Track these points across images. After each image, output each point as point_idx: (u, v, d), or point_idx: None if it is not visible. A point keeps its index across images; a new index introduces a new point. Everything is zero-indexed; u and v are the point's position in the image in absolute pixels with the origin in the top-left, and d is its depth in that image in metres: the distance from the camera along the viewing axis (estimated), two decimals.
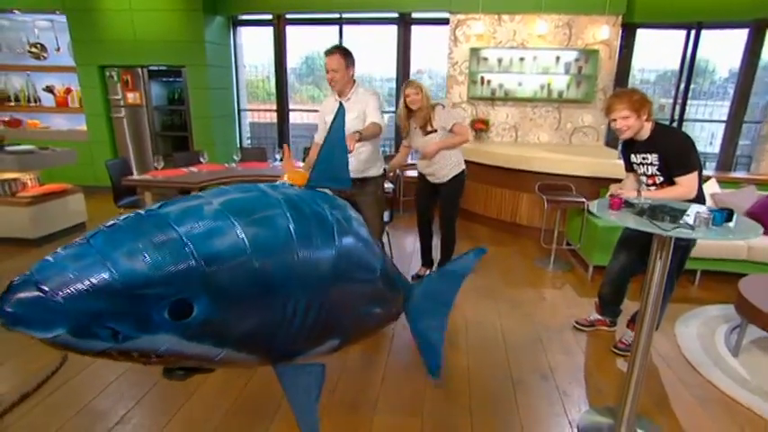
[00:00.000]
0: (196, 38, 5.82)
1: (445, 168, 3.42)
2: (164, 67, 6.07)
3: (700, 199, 2.42)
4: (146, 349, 0.99)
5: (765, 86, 5.76)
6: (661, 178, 2.48)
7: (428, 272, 3.91)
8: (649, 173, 2.52)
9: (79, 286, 0.89)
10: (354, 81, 2.88)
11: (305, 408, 1.34)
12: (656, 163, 2.46)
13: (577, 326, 3.08)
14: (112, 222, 1.03)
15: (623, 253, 2.82)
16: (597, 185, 4.37)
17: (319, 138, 3.08)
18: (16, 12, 5.89)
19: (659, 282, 1.91)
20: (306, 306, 1.21)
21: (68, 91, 6.38)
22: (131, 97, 6.09)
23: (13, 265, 3.92)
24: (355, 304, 1.45)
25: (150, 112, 6.20)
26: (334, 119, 1.57)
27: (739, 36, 5.66)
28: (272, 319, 1.16)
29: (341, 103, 2.29)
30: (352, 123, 2.74)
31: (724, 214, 1.72)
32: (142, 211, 1.10)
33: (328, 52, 2.72)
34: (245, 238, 1.08)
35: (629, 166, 2.67)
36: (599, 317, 3.07)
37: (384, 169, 3.17)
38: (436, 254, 3.87)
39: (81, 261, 0.93)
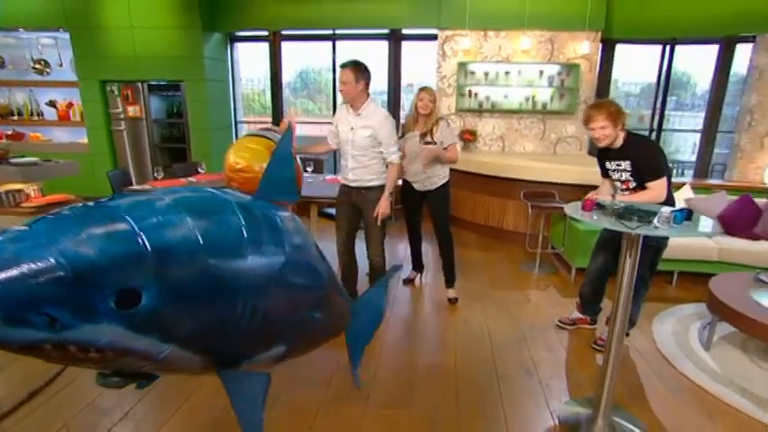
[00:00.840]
0: (195, 54, 5.95)
1: (435, 177, 3.43)
2: (163, 82, 6.20)
3: (670, 202, 2.56)
4: (85, 341, 0.91)
5: (736, 98, 5.96)
6: (634, 183, 2.62)
7: (418, 276, 3.97)
8: (623, 178, 2.66)
9: (15, 268, 0.82)
10: (368, 95, 2.90)
11: (250, 415, 1.29)
12: (629, 169, 2.60)
13: (560, 324, 3.19)
14: (57, 210, 0.98)
15: (600, 255, 2.95)
16: (580, 192, 4.46)
17: (330, 138, 3.15)
18: (21, 30, 6.03)
19: (629, 278, 2.03)
20: (253, 307, 1.19)
21: (70, 105, 6.48)
22: (132, 111, 6.20)
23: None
24: (302, 312, 1.44)
25: (150, 124, 6.30)
26: (282, 137, 1.65)
27: (713, 51, 5.90)
28: (219, 317, 1.13)
29: (289, 124, 2.51)
30: (364, 141, 2.89)
31: (684, 213, 1.84)
32: (91, 203, 1.04)
33: (343, 66, 2.81)
34: (198, 233, 1.05)
35: (605, 173, 2.80)
36: (580, 315, 3.18)
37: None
38: (425, 259, 3.98)
39: (19, 243, 0.86)
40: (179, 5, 5.80)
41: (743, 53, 5.75)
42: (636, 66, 6.50)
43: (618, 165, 2.66)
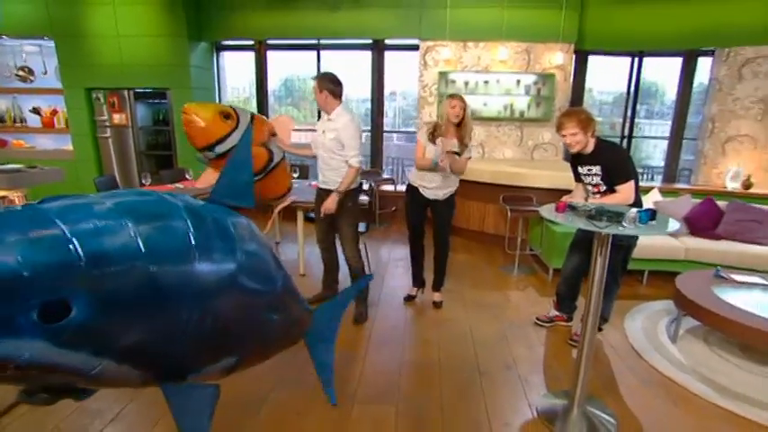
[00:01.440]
0: (181, 62, 5.95)
1: (450, 187, 3.31)
2: (149, 90, 6.17)
3: (637, 204, 2.70)
4: (3, 357, 0.82)
5: (699, 108, 6.24)
6: (604, 187, 2.77)
7: (420, 293, 3.70)
8: (594, 182, 2.80)
9: None
10: (340, 102, 3.04)
11: (194, 430, 1.19)
12: (600, 173, 2.75)
13: (538, 322, 3.30)
14: None
15: (575, 255, 3.08)
16: (556, 196, 4.58)
17: (312, 145, 3.25)
18: (5, 37, 5.95)
19: (601, 276, 2.14)
20: (200, 318, 1.11)
21: (54, 112, 6.39)
22: (117, 118, 6.15)
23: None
24: (254, 321, 1.35)
25: (136, 131, 6.26)
26: (241, 140, 1.73)
27: (677, 63, 6.19)
28: (162, 329, 1.05)
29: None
30: (329, 142, 3.03)
31: (648, 214, 1.97)
32: (18, 206, 0.98)
33: (312, 78, 3.06)
34: (140, 240, 0.98)
35: (578, 177, 2.94)
36: (557, 312, 3.30)
37: (360, 183, 3.29)
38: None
39: None
40: (166, 15, 5.81)
41: (704, 65, 6.04)
42: (608, 76, 6.76)
43: (589, 169, 2.80)
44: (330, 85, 3.00)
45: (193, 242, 1.09)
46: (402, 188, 6.31)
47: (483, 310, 3.56)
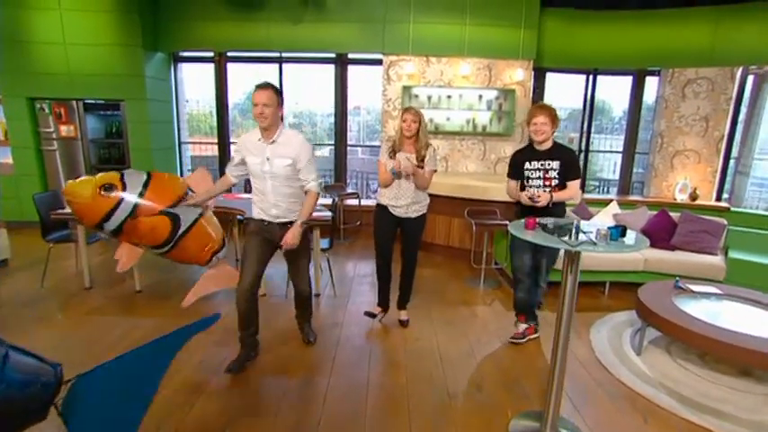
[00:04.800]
0: (135, 72, 5.62)
1: (419, 204, 3.19)
2: (101, 101, 5.78)
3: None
4: None
5: (648, 124, 6.49)
6: (556, 181, 2.90)
7: (382, 315, 3.47)
8: (549, 176, 2.91)
9: None
10: (282, 122, 2.63)
11: None
12: (557, 168, 2.89)
13: (514, 341, 3.17)
14: None
15: (521, 257, 3.10)
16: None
17: (231, 171, 2.74)
18: None
19: (572, 291, 2.05)
20: None
21: None
22: (65, 130, 5.71)
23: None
24: None
25: (86, 144, 5.83)
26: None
27: (628, 81, 6.42)
28: None
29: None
30: (283, 170, 2.56)
31: (619, 230, 1.91)
32: None
33: (262, 86, 2.48)
34: None
35: (519, 174, 3.02)
36: (525, 325, 3.22)
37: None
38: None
39: None
40: (118, 23, 5.47)
41: (652, 84, 6.29)
42: (564, 92, 6.92)
43: (543, 164, 2.92)
44: (282, 98, 2.61)
45: None
46: (366, 202, 6.19)
47: (450, 326, 3.43)
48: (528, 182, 2.96)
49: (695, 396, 2.53)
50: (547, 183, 2.91)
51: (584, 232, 1.96)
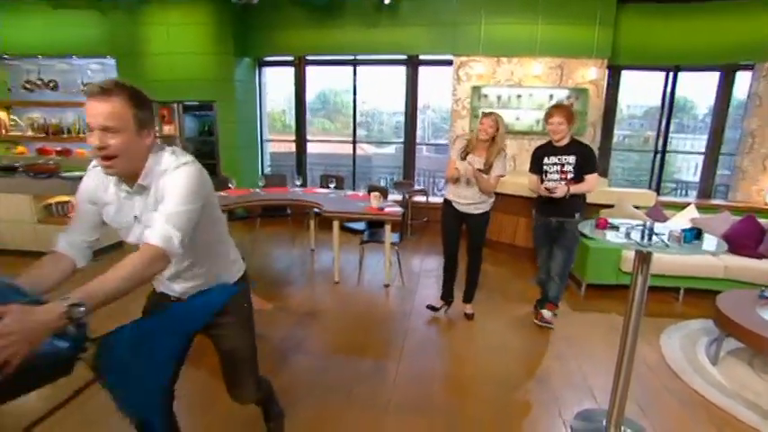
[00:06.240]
0: (227, 77, 6.15)
1: (483, 203, 3.25)
2: (196, 103, 6.40)
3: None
4: None
5: (737, 122, 5.95)
6: (572, 175, 3.06)
7: (445, 309, 3.57)
8: (565, 170, 3.08)
9: None
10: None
11: None
12: (573, 163, 3.05)
13: (541, 324, 3.37)
14: None
15: (544, 248, 3.38)
16: (588, 210, 4.52)
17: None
18: (74, 57, 6.34)
19: (641, 292, 2.04)
20: None
21: None
22: (167, 129, 6.39)
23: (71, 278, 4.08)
24: None
25: (183, 142, 6.48)
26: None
27: (714, 77, 5.92)
28: None
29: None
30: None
31: (694, 232, 1.87)
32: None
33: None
34: None
35: (539, 169, 3.19)
36: (548, 304, 3.41)
37: (245, 272, 1.70)
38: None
39: None
40: (214, 34, 6.02)
41: (743, 80, 5.76)
42: (640, 90, 6.55)
43: (560, 159, 3.09)
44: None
45: None
46: (433, 199, 6.30)
47: (513, 322, 3.47)
48: (546, 175, 3.14)
49: None
50: (563, 176, 3.08)
51: (657, 234, 1.95)
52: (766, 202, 5.45)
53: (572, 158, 3.05)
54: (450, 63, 6.06)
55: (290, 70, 6.83)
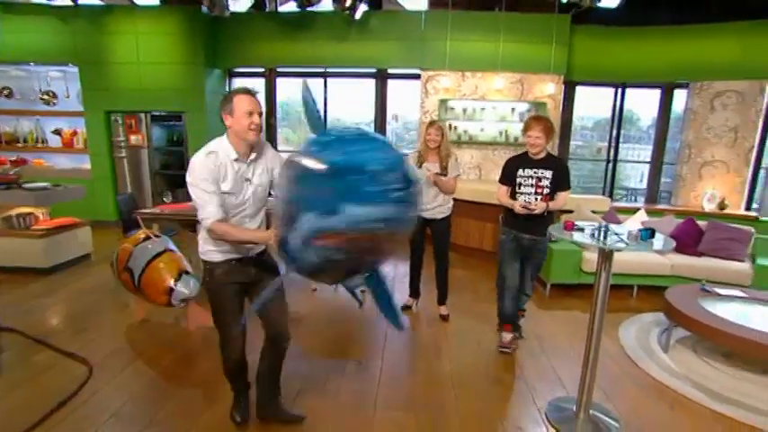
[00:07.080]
0: (197, 87, 6.10)
1: (443, 207, 3.48)
2: (165, 113, 6.28)
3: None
4: None
5: (677, 134, 6.54)
6: (548, 190, 2.92)
7: (415, 304, 3.83)
8: (541, 184, 2.92)
9: None
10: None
11: None
12: (550, 177, 2.91)
13: (503, 350, 3.13)
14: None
15: (510, 266, 3.11)
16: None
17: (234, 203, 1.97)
18: (32, 63, 6.08)
19: (605, 288, 2.26)
20: None
21: (74, 133, 6.45)
22: (134, 139, 6.24)
23: (26, 292, 3.92)
24: None
25: (151, 152, 6.34)
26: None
27: (656, 94, 6.50)
28: None
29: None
30: (263, 192, 2.06)
31: (648, 232, 2.12)
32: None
33: (254, 93, 1.93)
34: None
35: (512, 179, 3.01)
36: (511, 334, 3.18)
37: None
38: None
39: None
40: (184, 44, 5.96)
41: (680, 96, 6.36)
42: (591, 103, 7.06)
43: (536, 172, 2.93)
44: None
45: None
46: None
47: (486, 322, 3.65)
48: (519, 188, 2.97)
49: (720, 389, 2.68)
50: (538, 191, 2.93)
51: (617, 234, 2.18)
52: (702, 206, 6.00)
53: (549, 173, 2.90)
54: (418, 77, 6.30)
55: (261, 81, 6.85)
